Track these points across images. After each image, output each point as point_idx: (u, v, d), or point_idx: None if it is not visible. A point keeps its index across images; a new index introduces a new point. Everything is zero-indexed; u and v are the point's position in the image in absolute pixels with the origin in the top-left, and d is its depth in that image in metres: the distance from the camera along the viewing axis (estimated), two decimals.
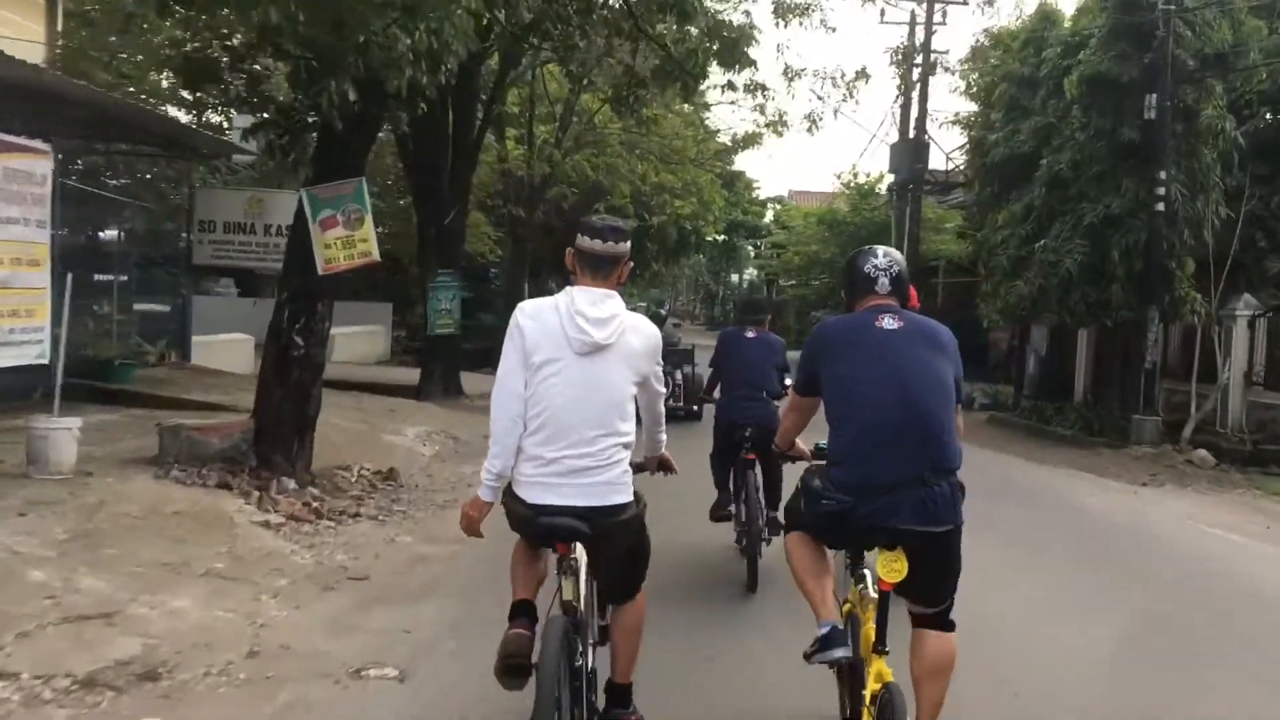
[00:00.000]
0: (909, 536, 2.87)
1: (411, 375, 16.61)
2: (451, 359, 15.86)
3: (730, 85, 13.37)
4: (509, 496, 3.11)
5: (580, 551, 3.02)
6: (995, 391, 18.83)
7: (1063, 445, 13.81)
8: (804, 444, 3.95)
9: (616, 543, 3.12)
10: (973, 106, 20.85)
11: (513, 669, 2.96)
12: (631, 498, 3.13)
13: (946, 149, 23.67)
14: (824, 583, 3.21)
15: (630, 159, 20.25)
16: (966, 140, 22.36)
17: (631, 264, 3.35)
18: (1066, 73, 14.00)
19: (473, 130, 15.34)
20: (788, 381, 5.48)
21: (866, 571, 3.23)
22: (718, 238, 38.55)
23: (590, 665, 3.14)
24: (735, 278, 58.75)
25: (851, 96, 17.70)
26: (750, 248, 45.55)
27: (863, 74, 20.15)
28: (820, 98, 21.33)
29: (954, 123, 22.93)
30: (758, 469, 5.62)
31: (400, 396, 14.63)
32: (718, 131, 25.65)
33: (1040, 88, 15.15)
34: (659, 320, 14.34)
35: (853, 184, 25.68)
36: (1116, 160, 13.43)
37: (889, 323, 3.05)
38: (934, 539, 2.90)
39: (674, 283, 60.49)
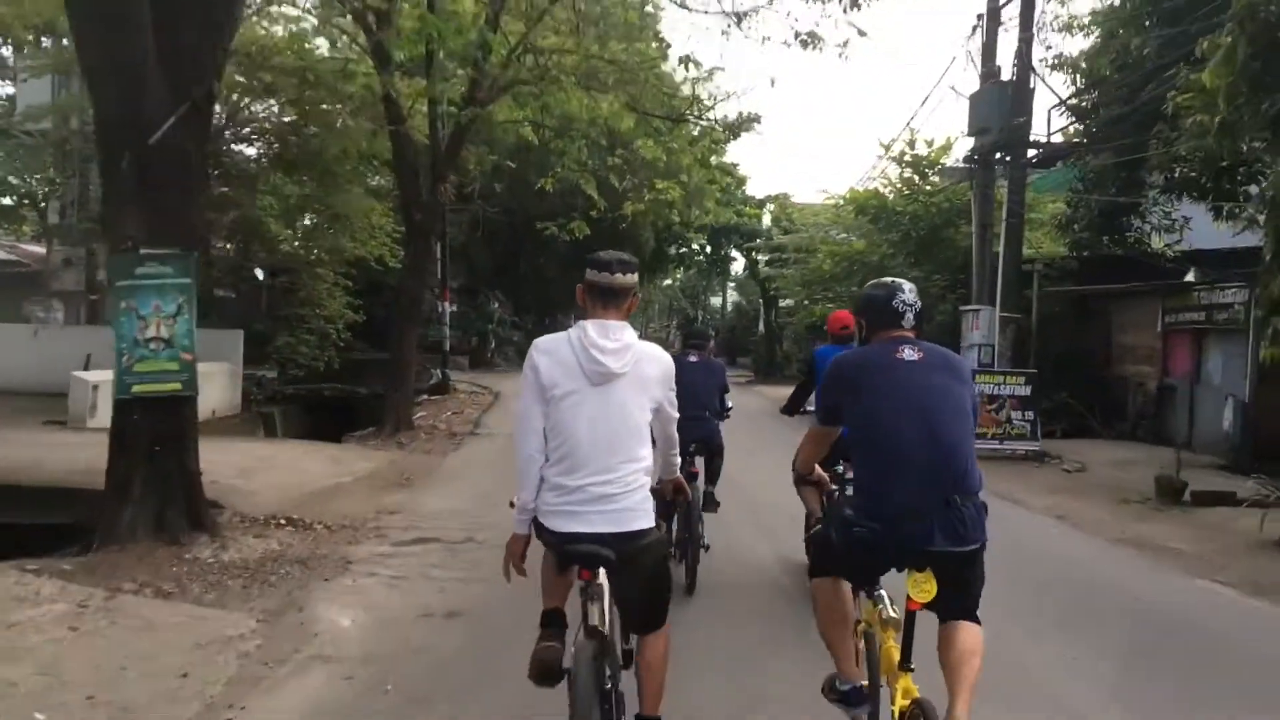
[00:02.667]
0: (940, 558, 2.95)
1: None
2: (183, 468, 6.67)
3: None
4: (535, 526, 3.18)
5: (603, 577, 3.07)
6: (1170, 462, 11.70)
7: None
8: (799, 468, 4.10)
9: (640, 568, 3.13)
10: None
11: (546, 676, 3.05)
12: (653, 523, 3.18)
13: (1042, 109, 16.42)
14: (848, 636, 3.30)
15: (590, 101, 13.02)
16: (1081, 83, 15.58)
17: (639, 295, 3.45)
18: None
19: None
20: (729, 403, 6.47)
21: (883, 592, 3.22)
22: (703, 246, 31.24)
23: (618, 689, 3.20)
24: (718, 300, 51.27)
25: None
26: (742, 256, 36.67)
27: None
28: None
29: (1057, 66, 16.08)
30: (700, 481, 6.25)
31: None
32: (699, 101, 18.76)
33: None
34: None
35: (907, 156, 18.47)
36: None
37: (909, 354, 3.12)
38: (962, 558, 2.98)
39: (644, 308, 53.05)
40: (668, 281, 52.27)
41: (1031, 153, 15.79)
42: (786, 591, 6.04)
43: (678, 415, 3.43)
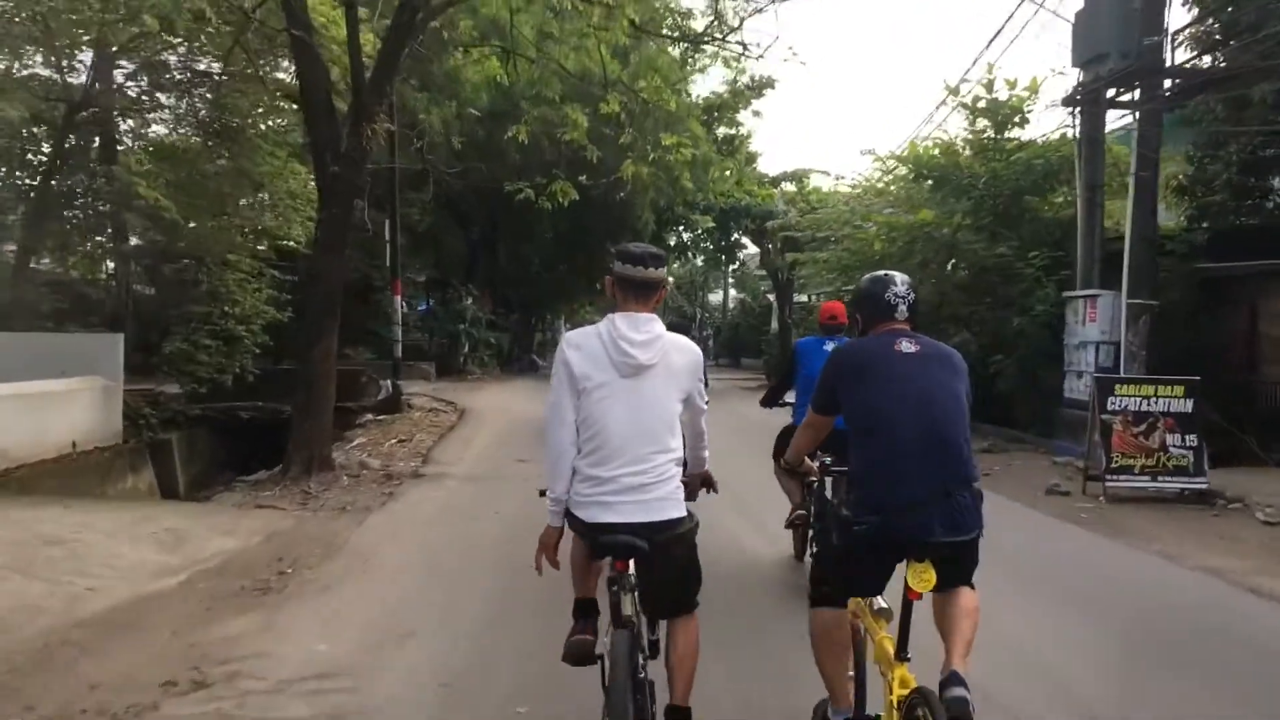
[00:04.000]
0: (940, 548, 2.98)
1: None
2: None
3: None
4: (568, 517, 3.20)
5: (632, 566, 3.10)
6: None
7: None
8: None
9: (673, 557, 3.17)
10: None
11: (580, 662, 3.25)
12: (685, 512, 3.22)
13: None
14: (846, 667, 3.28)
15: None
16: None
17: (667, 288, 3.50)
18: None
19: None
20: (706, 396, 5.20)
21: None
22: (709, 230, 27.08)
23: (648, 678, 3.21)
24: (716, 296, 47.40)
25: None
26: (751, 243, 32.45)
27: None
28: None
29: None
30: None
31: None
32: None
33: None
34: None
35: (982, 101, 14.44)
36: None
37: (906, 346, 3.16)
38: (961, 546, 3.02)
39: None
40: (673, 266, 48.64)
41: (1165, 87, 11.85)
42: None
43: (706, 407, 3.43)
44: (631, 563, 3.07)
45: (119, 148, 13.24)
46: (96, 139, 13.67)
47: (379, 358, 19.84)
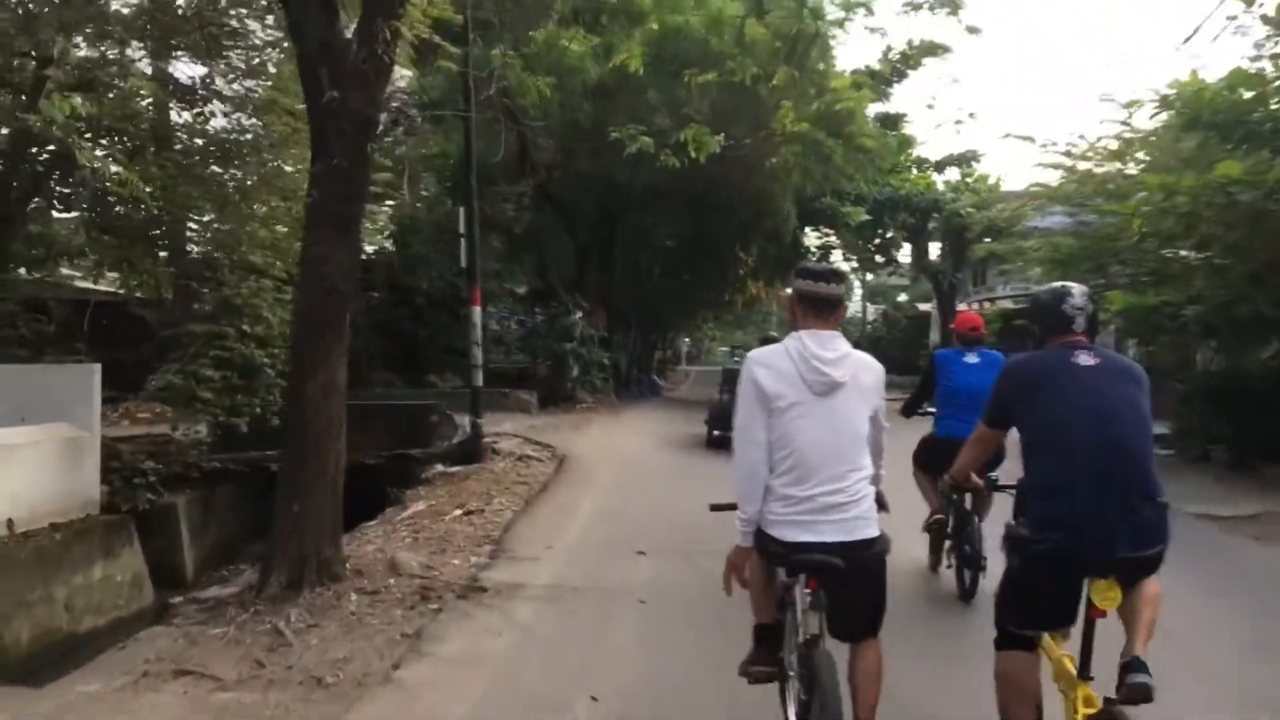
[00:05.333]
0: (1124, 564, 2.93)
1: None
2: None
3: None
4: (759, 537, 3.19)
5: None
6: None
7: None
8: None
9: (867, 577, 3.15)
10: None
11: (758, 683, 3.43)
12: (879, 532, 3.19)
13: None
14: (1032, 715, 3.12)
15: None
16: None
17: (846, 306, 3.47)
18: None
19: None
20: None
21: None
22: (859, 224, 22.21)
23: None
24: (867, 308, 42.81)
25: None
26: (909, 239, 27.27)
27: None
28: None
29: None
30: None
31: None
32: None
33: None
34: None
35: None
36: None
37: (1086, 359, 3.09)
38: (1146, 561, 2.96)
39: (760, 321, 44.08)
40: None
41: None
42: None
43: (888, 425, 3.38)
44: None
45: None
46: None
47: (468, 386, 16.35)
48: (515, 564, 6.90)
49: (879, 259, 24.06)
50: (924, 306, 32.95)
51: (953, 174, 23.46)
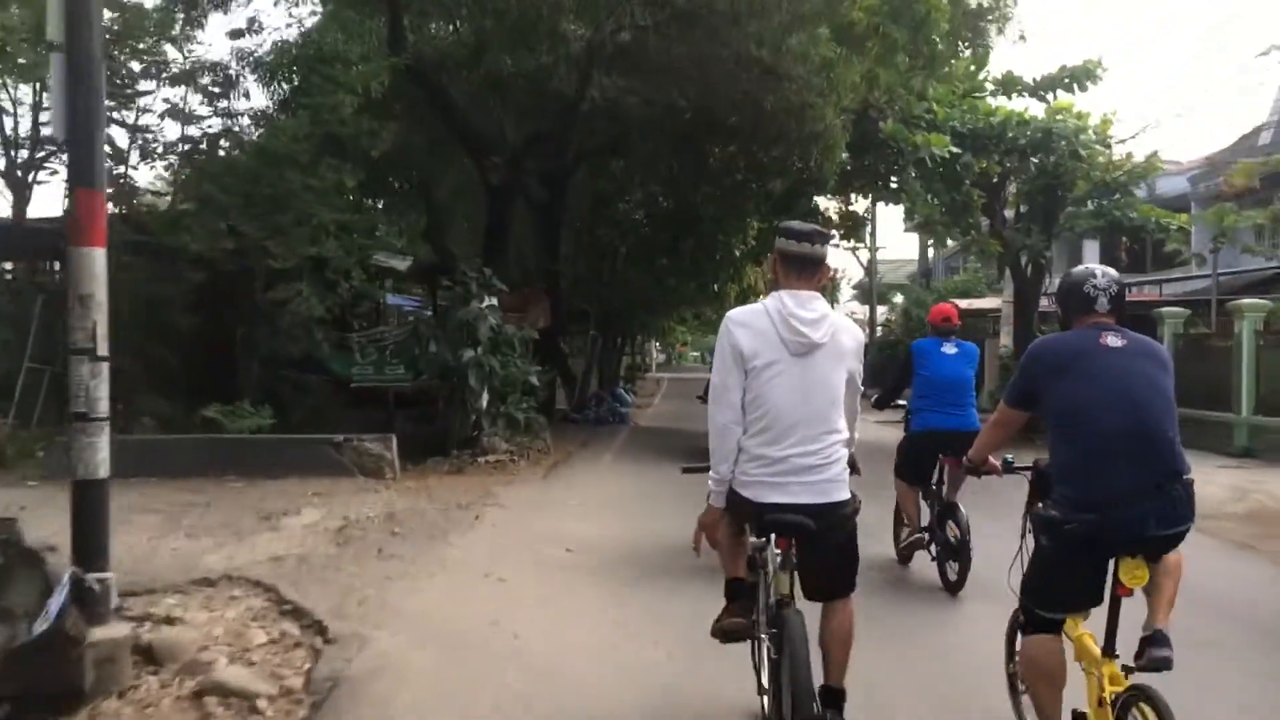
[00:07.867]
0: (1154, 542, 2.98)
1: None
2: None
3: None
4: (732, 496, 3.22)
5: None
6: None
7: None
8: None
9: (837, 538, 3.20)
10: None
11: (730, 641, 3.43)
12: (850, 494, 3.23)
13: None
14: (1059, 697, 3.13)
15: None
16: None
17: (830, 267, 3.47)
18: None
19: None
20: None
21: None
22: (943, 159, 14.16)
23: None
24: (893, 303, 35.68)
25: None
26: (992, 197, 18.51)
27: None
28: None
29: None
30: None
31: None
32: None
33: None
34: None
35: None
36: None
37: (1113, 340, 3.10)
38: (1173, 539, 3.01)
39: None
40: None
41: None
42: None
43: (863, 389, 3.37)
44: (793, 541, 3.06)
45: None
46: None
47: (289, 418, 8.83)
48: None
49: (951, 223, 16.03)
50: (984, 303, 24.97)
51: (1059, 101, 15.53)
